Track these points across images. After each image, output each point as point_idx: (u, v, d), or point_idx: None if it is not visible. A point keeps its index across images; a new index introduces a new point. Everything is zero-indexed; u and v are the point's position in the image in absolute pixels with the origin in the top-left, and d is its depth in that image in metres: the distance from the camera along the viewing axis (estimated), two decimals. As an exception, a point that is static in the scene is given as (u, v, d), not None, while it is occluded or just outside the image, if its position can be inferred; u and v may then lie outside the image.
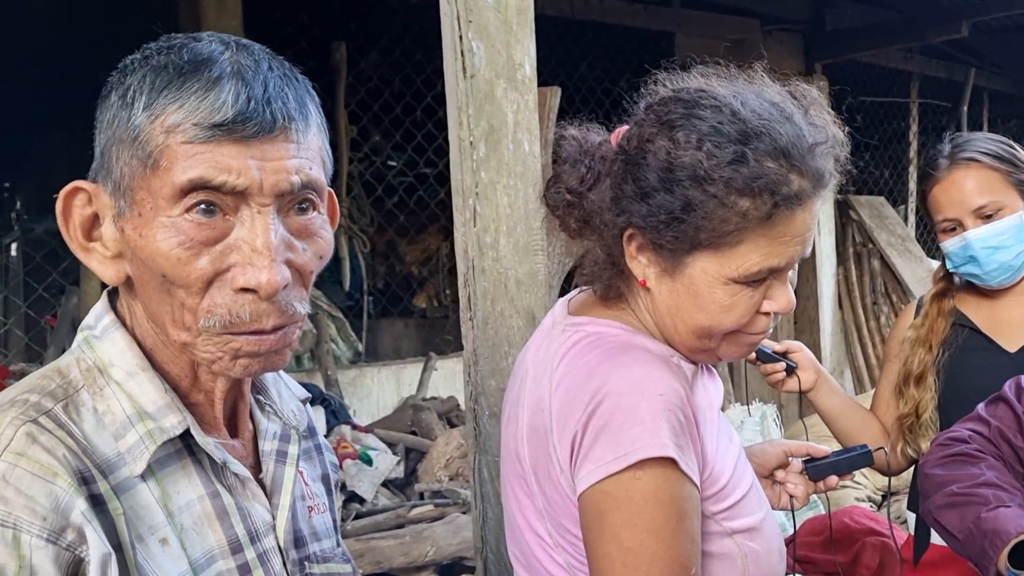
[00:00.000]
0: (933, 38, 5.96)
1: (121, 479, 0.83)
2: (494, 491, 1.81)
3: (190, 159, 0.79)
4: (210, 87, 0.80)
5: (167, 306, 0.84)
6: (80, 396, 0.85)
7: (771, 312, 1.10)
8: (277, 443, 0.98)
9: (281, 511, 0.95)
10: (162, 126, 0.80)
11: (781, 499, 1.40)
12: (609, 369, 1.05)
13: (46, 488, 0.76)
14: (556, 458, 1.07)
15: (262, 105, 0.81)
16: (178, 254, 0.80)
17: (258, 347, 0.84)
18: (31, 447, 0.78)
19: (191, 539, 0.86)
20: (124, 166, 0.82)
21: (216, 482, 0.90)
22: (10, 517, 0.74)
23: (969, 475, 1.39)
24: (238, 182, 0.80)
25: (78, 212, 0.86)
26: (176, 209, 0.80)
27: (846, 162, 1.10)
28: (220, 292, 0.82)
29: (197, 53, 0.82)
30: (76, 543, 0.77)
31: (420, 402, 4.08)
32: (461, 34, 1.76)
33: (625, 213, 1.09)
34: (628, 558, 1.00)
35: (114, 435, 0.84)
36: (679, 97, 1.09)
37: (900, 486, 3.97)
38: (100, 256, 0.86)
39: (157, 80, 0.81)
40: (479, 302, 1.79)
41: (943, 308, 1.91)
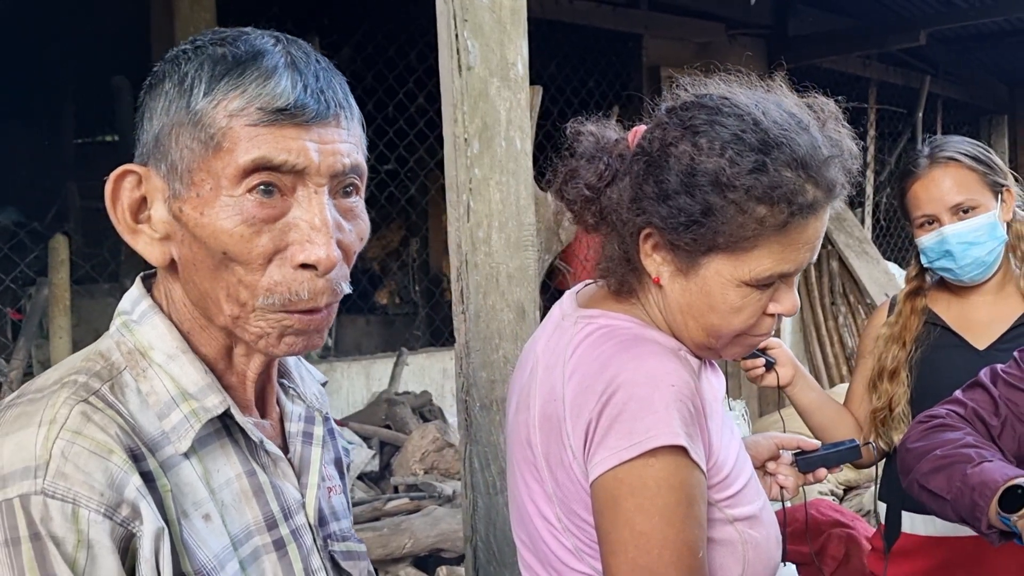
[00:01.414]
0: (892, 46, 6.13)
1: (166, 457, 0.85)
2: (484, 480, 1.85)
3: (252, 140, 0.83)
4: (268, 75, 0.84)
5: (222, 282, 0.86)
6: (123, 377, 0.87)
7: (776, 314, 1.14)
8: (303, 425, 1.02)
9: (310, 490, 0.98)
10: (225, 110, 0.83)
11: (772, 490, 1.45)
12: (623, 360, 1.08)
13: (102, 465, 0.78)
14: (569, 445, 1.10)
15: (317, 93, 0.85)
16: (241, 231, 0.84)
17: (307, 325, 0.88)
18: (86, 425, 0.80)
19: (231, 515, 0.89)
20: (184, 148, 0.84)
21: (252, 460, 0.93)
22: (70, 492, 0.76)
23: (950, 440, 1.43)
24: (297, 161, 0.84)
25: (127, 195, 0.87)
26: (239, 189, 0.84)
27: (857, 174, 1.15)
28: (279, 269, 0.85)
29: (252, 44, 0.86)
30: (130, 518, 0.79)
31: (394, 396, 4.09)
32: (457, 32, 1.79)
33: (644, 213, 1.12)
34: (640, 542, 1.04)
35: (158, 415, 0.86)
36: (702, 103, 1.12)
37: (861, 480, 4.09)
38: (148, 238, 0.88)
39: (216, 68, 0.84)
40: (471, 295, 1.82)
41: (916, 306, 1.99)
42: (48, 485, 0.76)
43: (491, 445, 1.85)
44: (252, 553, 0.91)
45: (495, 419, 1.85)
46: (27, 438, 0.78)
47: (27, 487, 0.76)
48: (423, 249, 6.35)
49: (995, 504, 1.30)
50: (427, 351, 5.14)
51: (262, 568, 0.91)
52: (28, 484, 0.76)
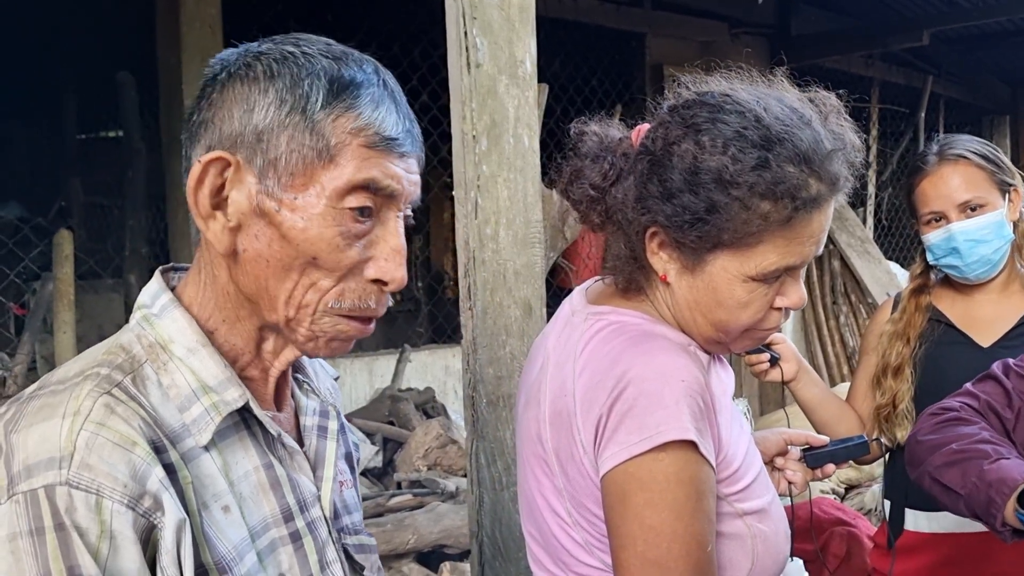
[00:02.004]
0: (895, 46, 6.13)
1: (187, 449, 0.87)
2: (490, 476, 1.86)
3: (366, 161, 0.88)
4: (379, 103, 0.90)
5: (289, 283, 0.89)
6: (144, 370, 0.88)
7: (783, 308, 1.15)
8: (317, 419, 1.03)
9: (325, 483, 0.99)
10: (344, 127, 0.88)
11: (780, 485, 1.46)
12: (633, 356, 1.09)
13: (125, 456, 0.79)
14: (579, 440, 1.11)
15: (410, 127, 0.93)
16: (337, 242, 0.88)
17: (360, 333, 0.93)
18: (110, 417, 0.81)
19: (249, 507, 0.90)
20: (294, 152, 0.88)
21: (269, 454, 0.94)
22: (94, 483, 0.77)
23: (966, 434, 1.43)
24: (397, 188, 0.90)
25: (212, 179, 0.89)
26: (343, 203, 0.88)
27: (860, 167, 1.15)
28: (355, 279, 0.90)
29: (361, 70, 0.91)
30: (152, 510, 0.80)
31: (398, 393, 4.11)
32: (466, 30, 1.80)
33: (649, 212, 1.12)
34: (650, 535, 1.05)
35: (179, 407, 0.88)
36: (704, 101, 1.13)
37: (863, 479, 4.11)
38: (221, 225, 0.89)
39: (334, 85, 0.89)
40: (479, 292, 1.83)
41: (920, 303, 2.00)
42: (73, 476, 0.77)
43: (497, 441, 1.86)
44: (269, 545, 0.92)
45: (502, 415, 1.86)
46: (51, 429, 0.79)
47: (52, 478, 0.77)
48: (425, 246, 6.36)
49: (1013, 501, 1.30)
50: (430, 348, 5.15)
51: (279, 560, 0.92)
52: (53, 475, 0.77)
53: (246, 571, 0.87)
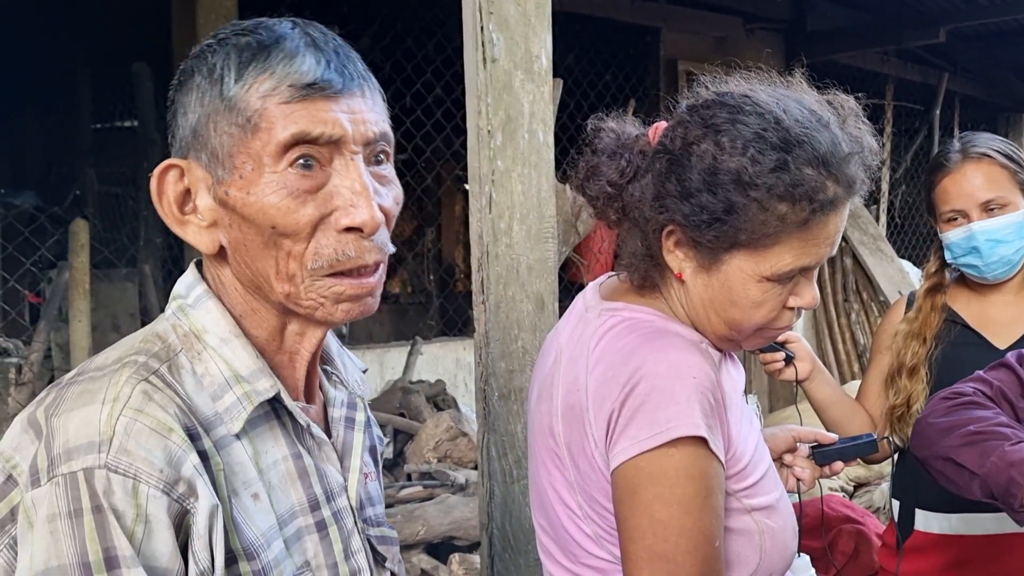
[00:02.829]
0: (911, 42, 6.10)
1: (219, 436, 0.88)
2: (501, 468, 1.87)
3: (288, 117, 0.87)
4: (292, 55, 0.88)
5: (271, 260, 0.89)
6: (179, 359, 0.90)
7: (796, 307, 1.16)
8: (345, 410, 1.04)
9: (352, 473, 1.01)
10: (258, 92, 0.87)
11: (788, 482, 1.47)
12: (646, 352, 1.10)
13: (162, 443, 0.81)
14: (591, 434, 1.12)
15: (340, 67, 0.90)
16: (287, 204, 0.87)
17: (359, 290, 0.91)
18: (148, 404, 0.83)
19: (277, 496, 0.92)
20: (223, 135, 0.88)
21: (298, 444, 0.96)
22: (131, 468, 0.79)
23: (984, 417, 1.41)
24: (333, 132, 0.88)
25: (171, 188, 0.91)
26: (280, 165, 0.87)
27: (876, 170, 1.16)
28: (325, 235, 0.89)
29: (272, 30, 0.90)
30: (186, 495, 0.82)
31: (409, 385, 4.12)
32: (483, 25, 1.80)
33: (667, 211, 1.13)
34: (658, 529, 1.06)
35: (212, 396, 0.89)
36: (723, 102, 1.13)
37: (872, 477, 4.10)
38: (196, 227, 0.91)
39: (243, 55, 0.88)
40: (492, 286, 1.84)
41: (936, 303, 1.99)
42: (111, 460, 0.79)
43: (508, 434, 1.87)
44: (296, 533, 0.93)
45: (513, 409, 1.87)
46: (92, 414, 0.81)
47: (91, 461, 0.79)
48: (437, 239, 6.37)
49: None
50: (440, 340, 5.16)
51: (304, 547, 0.94)
52: (92, 458, 0.79)
53: (273, 557, 0.89)
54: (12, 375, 3.51)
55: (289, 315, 0.95)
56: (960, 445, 1.40)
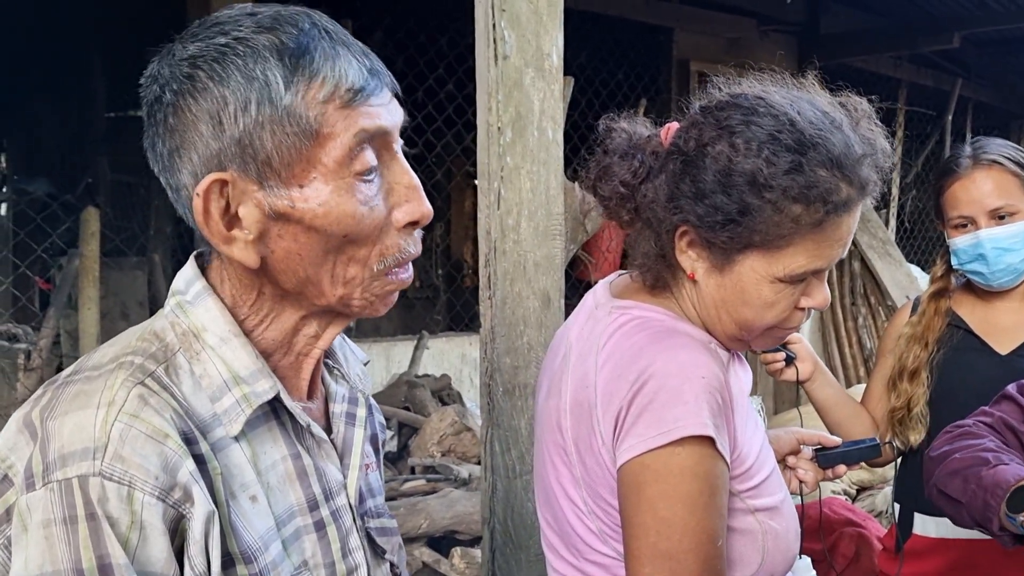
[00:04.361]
0: (925, 47, 6.08)
1: (216, 439, 0.87)
2: (504, 463, 1.88)
3: (348, 120, 0.86)
4: (333, 58, 0.86)
5: (328, 266, 0.88)
6: (177, 359, 0.88)
7: (807, 308, 1.17)
8: (346, 405, 1.03)
9: (352, 471, 1.00)
10: (315, 99, 0.85)
11: (791, 483, 1.47)
12: (656, 351, 1.11)
13: (157, 448, 0.80)
14: (599, 431, 1.12)
15: (368, 62, 0.89)
16: (361, 212, 0.87)
17: (403, 285, 0.93)
18: (143, 409, 0.81)
19: (275, 497, 0.91)
20: (280, 145, 0.84)
21: (297, 443, 0.95)
22: (126, 475, 0.78)
23: (971, 445, 1.44)
24: (383, 124, 0.89)
25: (216, 204, 0.86)
26: (349, 170, 0.87)
27: (889, 172, 1.16)
28: (387, 234, 0.90)
29: (296, 26, 0.86)
30: (181, 501, 0.81)
31: (414, 379, 4.14)
32: (494, 22, 1.81)
33: (680, 211, 1.13)
34: (662, 527, 1.06)
35: (210, 397, 0.88)
36: (737, 103, 1.14)
37: (875, 481, 4.10)
38: (243, 242, 0.87)
39: (284, 59, 0.84)
40: (498, 282, 1.85)
41: (940, 307, 1.99)
42: (106, 467, 0.78)
43: (512, 429, 1.88)
44: (294, 533, 0.93)
45: (517, 404, 1.88)
46: (86, 419, 0.80)
47: (86, 468, 0.78)
48: (446, 235, 6.38)
49: (1004, 504, 1.30)
50: (447, 335, 5.18)
51: (303, 548, 0.93)
52: (87, 465, 0.78)
53: (271, 560, 0.88)
54: (21, 361, 3.54)
55: (312, 317, 0.93)
56: (947, 475, 1.42)
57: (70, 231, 4.15)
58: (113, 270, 4.33)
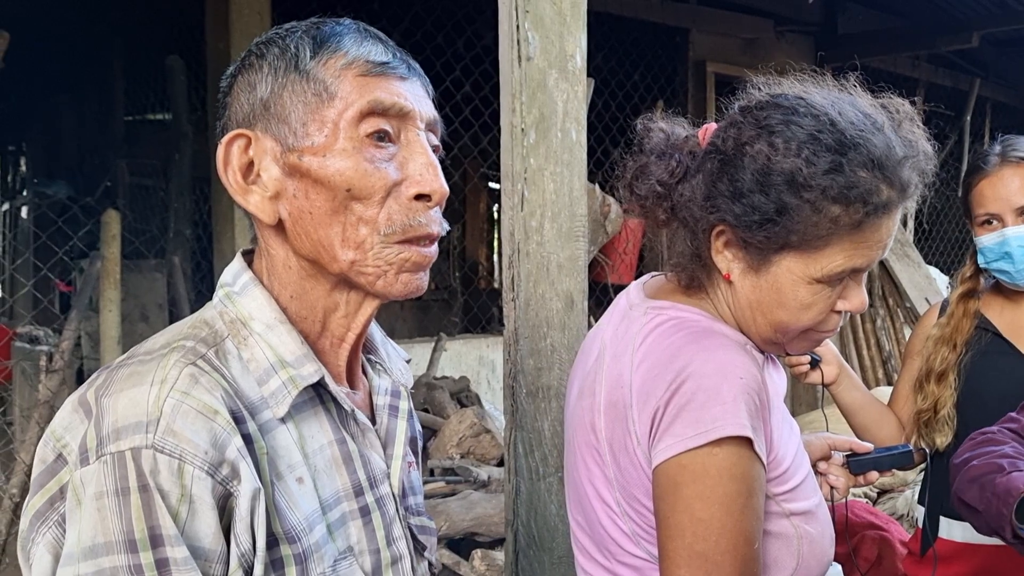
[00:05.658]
0: (943, 47, 6.04)
1: (264, 421, 0.89)
2: (528, 466, 1.88)
3: (364, 87, 0.92)
4: (362, 40, 0.95)
5: (338, 226, 0.92)
6: (226, 344, 0.91)
7: (843, 311, 1.15)
8: (388, 398, 1.06)
9: (395, 461, 1.02)
10: (335, 66, 0.92)
11: (822, 489, 1.46)
12: (693, 351, 1.10)
13: (207, 425, 0.82)
14: (634, 431, 1.12)
15: (403, 58, 0.97)
16: (365, 167, 0.91)
17: (423, 259, 0.95)
18: (195, 387, 0.84)
19: (322, 480, 0.93)
20: (298, 104, 0.92)
21: (343, 429, 0.97)
22: (177, 449, 0.80)
23: (990, 451, 1.42)
24: (405, 104, 0.93)
25: (236, 158, 0.93)
26: (357, 132, 0.92)
27: (932, 174, 1.15)
28: (396, 202, 0.93)
29: (338, 23, 0.96)
30: (229, 478, 0.83)
31: (433, 381, 4.14)
32: (518, 24, 1.81)
33: (718, 211, 1.12)
34: (699, 528, 1.06)
35: (258, 380, 0.91)
36: (777, 103, 1.13)
37: (896, 484, 4.07)
38: (259, 196, 0.93)
39: (316, 37, 0.94)
40: (522, 284, 1.85)
41: (968, 309, 1.98)
42: (158, 440, 0.80)
43: (535, 431, 1.88)
44: (340, 518, 0.94)
45: (540, 406, 1.88)
46: (140, 395, 0.82)
47: (139, 441, 0.80)
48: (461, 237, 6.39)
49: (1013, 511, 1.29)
50: (464, 337, 5.18)
51: (348, 532, 0.95)
52: (140, 438, 0.80)
53: (314, 542, 0.90)
54: (43, 363, 3.56)
55: (342, 290, 0.97)
56: (966, 482, 1.41)
57: (90, 234, 4.17)
58: (133, 272, 4.36)
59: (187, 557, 0.79)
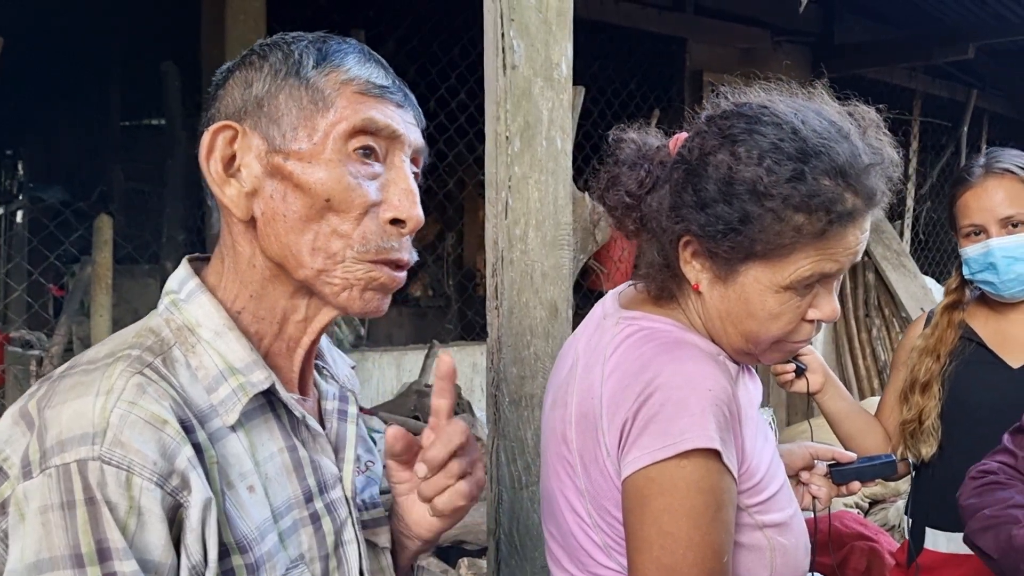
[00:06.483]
0: (940, 58, 6.04)
1: (214, 429, 0.89)
2: (510, 474, 1.87)
3: (361, 105, 0.94)
4: (364, 61, 0.97)
5: (310, 234, 0.92)
6: (173, 352, 0.90)
7: (815, 320, 1.15)
8: (337, 403, 1.06)
9: (347, 464, 1.02)
10: (337, 79, 0.94)
11: (804, 499, 1.45)
12: (662, 362, 1.10)
13: (156, 435, 0.81)
14: (604, 443, 1.11)
15: (401, 87, 0.99)
16: (348, 181, 0.92)
17: (391, 281, 0.95)
18: (142, 397, 0.82)
19: (273, 488, 0.93)
20: (292, 107, 0.93)
21: (293, 436, 0.97)
22: (125, 460, 0.79)
23: (1000, 499, 1.44)
24: (397, 128, 0.96)
25: (221, 148, 0.94)
26: (347, 145, 0.93)
27: (898, 182, 1.15)
28: (372, 222, 0.94)
29: (343, 41, 0.99)
30: (179, 488, 0.82)
31: (424, 388, 4.13)
32: (503, 31, 1.81)
33: (683, 221, 1.12)
34: (666, 542, 1.05)
35: (207, 388, 0.90)
36: (741, 112, 1.13)
37: (887, 494, 4.06)
38: (237, 190, 0.94)
39: (322, 49, 0.96)
40: (506, 292, 1.85)
41: (953, 320, 1.98)
42: (105, 452, 0.79)
43: (518, 440, 1.87)
44: (291, 526, 0.94)
45: (523, 415, 1.87)
46: (85, 406, 0.81)
47: (85, 452, 0.79)
48: (458, 243, 6.38)
49: None
50: (458, 344, 5.17)
51: (299, 540, 0.95)
52: (86, 450, 0.79)
53: (266, 551, 0.89)
54: (33, 367, 3.56)
55: (302, 296, 0.96)
56: (978, 530, 1.43)
57: (83, 238, 4.17)
58: (126, 277, 4.35)
59: (136, 571, 0.78)
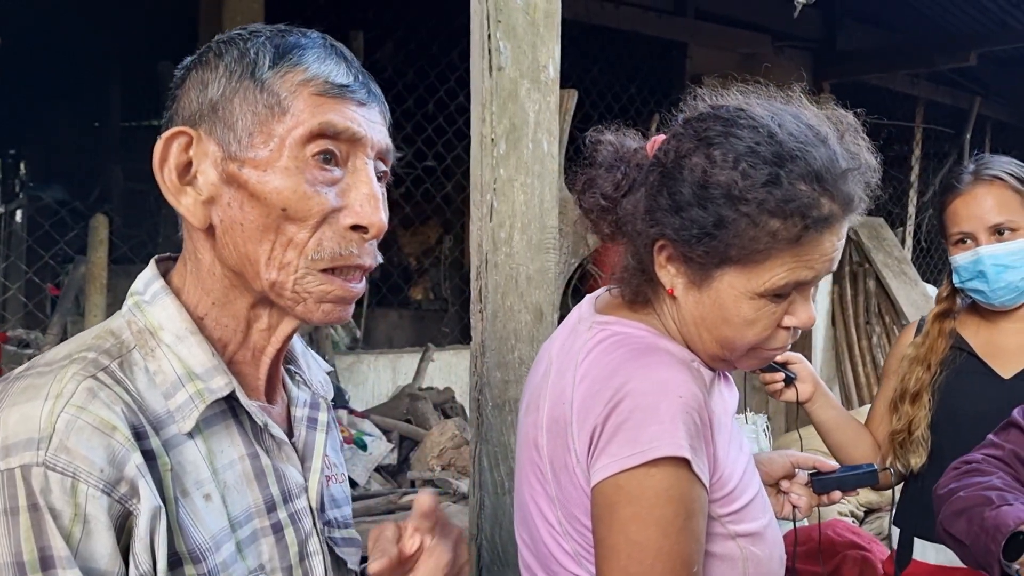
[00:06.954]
0: (942, 65, 6.02)
1: (170, 436, 0.87)
2: (492, 480, 1.86)
3: (319, 107, 0.90)
4: (325, 58, 0.92)
5: (267, 244, 0.89)
6: (132, 356, 0.88)
7: (791, 327, 1.13)
8: (307, 410, 1.03)
9: (313, 474, 1.00)
10: (292, 81, 0.90)
11: (784, 508, 1.43)
12: (633, 368, 1.08)
13: (104, 441, 0.79)
14: (574, 449, 1.10)
15: (364, 81, 0.94)
16: (304, 189, 0.89)
17: (346, 294, 0.92)
18: (92, 401, 0.81)
19: (232, 497, 0.90)
20: (248, 113, 0.89)
21: (256, 444, 0.94)
22: (70, 466, 0.78)
23: (976, 483, 1.40)
24: (357, 130, 0.91)
25: (175, 156, 0.90)
26: (303, 152, 0.89)
27: (876, 188, 1.12)
28: (330, 228, 0.90)
29: (304, 35, 0.94)
30: (128, 496, 0.80)
31: (417, 391, 4.12)
32: (490, 33, 1.80)
33: (658, 224, 1.11)
34: (634, 551, 1.03)
35: (164, 394, 0.88)
36: (718, 115, 1.11)
37: (883, 503, 4.03)
38: (193, 199, 0.91)
39: (279, 47, 0.91)
40: (490, 295, 1.83)
41: (944, 328, 1.95)
42: (50, 457, 0.77)
43: (501, 445, 1.85)
44: (251, 535, 0.92)
45: (507, 419, 1.85)
46: (33, 410, 0.79)
47: (29, 458, 0.77)
48: (456, 246, 6.37)
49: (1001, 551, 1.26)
50: (454, 348, 5.15)
51: (259, 550, 0.92)
52: (30, 455, 0.77)
53: (221, 561, 0.87)
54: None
55: (263, 307, 0.94)
56: (952, 514, 1.38)
57: (81, 238, 4.16)
58: (121, 277, 4.33)
59: None
